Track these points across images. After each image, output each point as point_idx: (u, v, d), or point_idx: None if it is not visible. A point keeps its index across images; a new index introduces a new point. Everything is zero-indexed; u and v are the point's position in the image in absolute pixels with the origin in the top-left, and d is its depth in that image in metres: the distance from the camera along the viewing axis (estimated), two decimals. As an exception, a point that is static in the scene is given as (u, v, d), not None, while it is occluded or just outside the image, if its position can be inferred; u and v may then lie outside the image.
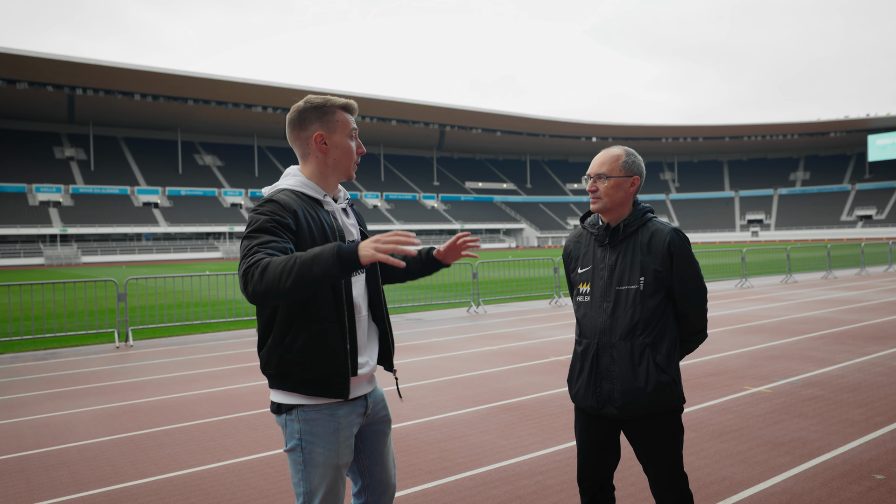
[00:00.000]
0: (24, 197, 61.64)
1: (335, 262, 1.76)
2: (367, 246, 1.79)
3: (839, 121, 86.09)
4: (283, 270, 1.76)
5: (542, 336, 9.65)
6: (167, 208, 67.09)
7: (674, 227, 2.42)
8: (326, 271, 1.76)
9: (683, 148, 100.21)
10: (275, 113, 74.58)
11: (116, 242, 60.87)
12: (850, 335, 8.78)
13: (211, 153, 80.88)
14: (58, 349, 9.89)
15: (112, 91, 63.19)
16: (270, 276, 1.77)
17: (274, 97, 70.02)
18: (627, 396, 2.36)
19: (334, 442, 2.07)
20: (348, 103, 2.22)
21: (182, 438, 4.97)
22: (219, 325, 11.77)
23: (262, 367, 2.09)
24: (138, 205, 66.38)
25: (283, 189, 2.13)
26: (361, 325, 2.16)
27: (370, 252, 1.78)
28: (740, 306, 12.69)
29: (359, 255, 1.78)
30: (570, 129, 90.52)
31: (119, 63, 58.72)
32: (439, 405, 5.60)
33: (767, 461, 4.05)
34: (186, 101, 67.77)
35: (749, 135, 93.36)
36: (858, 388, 5.86)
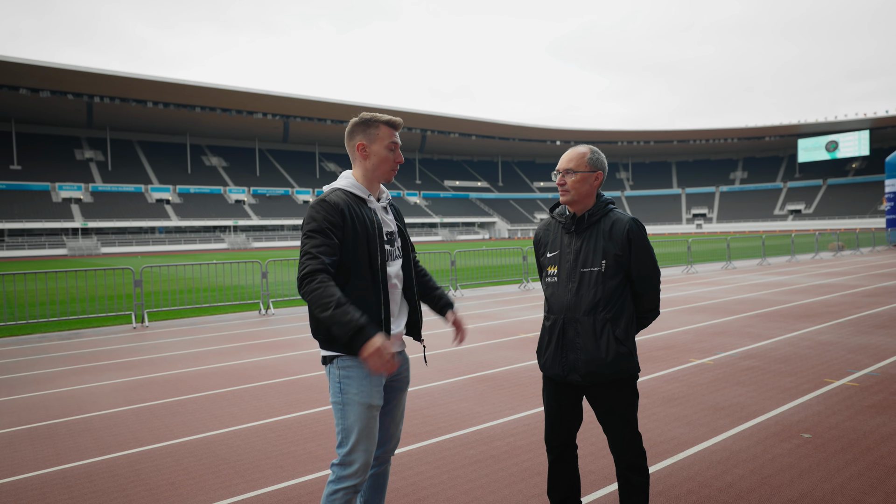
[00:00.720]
0: (48, 194, 60.30)
1: (347, 338, 2.02)
2: (369, 356, 2.00)
3: (773, 126, 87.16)
4: (321, 304, 2.04)
5: (513, 316, 9.68)
6: (178, 204, 66.09)
7: (632, 217, 2.44)
8: (338, 336, 2.04)
9: (637, 150, 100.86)
10: (274, 119, 73.68)
11: (132, 235, 59.87)
12: (781, 314, 8.92)
13: (217, 155, 79.72)
14: (80, 329, 9.72)
15: (127, 99, 61.90)
16: (314, 299, 2.07)
17: (273, 105, 69.13)
18: (590, 365, 2.38)
19: (367, 385, 2.21)
20: (392, 120, 2.35)
21: (193, 408, 4.91)
22: (225, 308, 11.65)
23: (312, 333, 2.29)
24: (152, 201, 65.29)
25: (336, 189, 2.31)
26: (395, 298, 2.35)
27: (367, 360, 2.01)
28: (687, 289, 12.84)
29: (360, 352, 2.03)
30: (537, 134, 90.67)
31: (133, 74, 57.50)
32: (423, 377, 5.60)
33: (710, 423, 4.11)
34: (195, 108, 66.63)
35: (694, 139, 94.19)
36: (788, 359, 5.96)
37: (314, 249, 2.15)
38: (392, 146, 2.34)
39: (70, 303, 12.20)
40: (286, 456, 3.75)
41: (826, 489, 3.07)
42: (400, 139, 2.40)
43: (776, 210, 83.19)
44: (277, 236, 66.56)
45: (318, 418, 4.50)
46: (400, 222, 2.46)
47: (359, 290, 2.23)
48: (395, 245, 2.40)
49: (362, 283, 2.23)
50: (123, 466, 3.69)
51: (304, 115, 74.17)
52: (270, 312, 10.98)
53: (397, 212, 2.50)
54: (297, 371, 6.15)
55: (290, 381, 5.72)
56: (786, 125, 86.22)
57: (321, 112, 73.53)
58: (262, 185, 75.43)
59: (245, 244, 62.74)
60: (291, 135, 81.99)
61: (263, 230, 68.52)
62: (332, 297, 2.04)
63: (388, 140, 2.33)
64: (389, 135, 2.33)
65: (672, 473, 3.30)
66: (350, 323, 2.02)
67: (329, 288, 2.06)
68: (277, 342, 7.97)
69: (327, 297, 2.04)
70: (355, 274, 2.22)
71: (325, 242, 2.16)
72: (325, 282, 2.08)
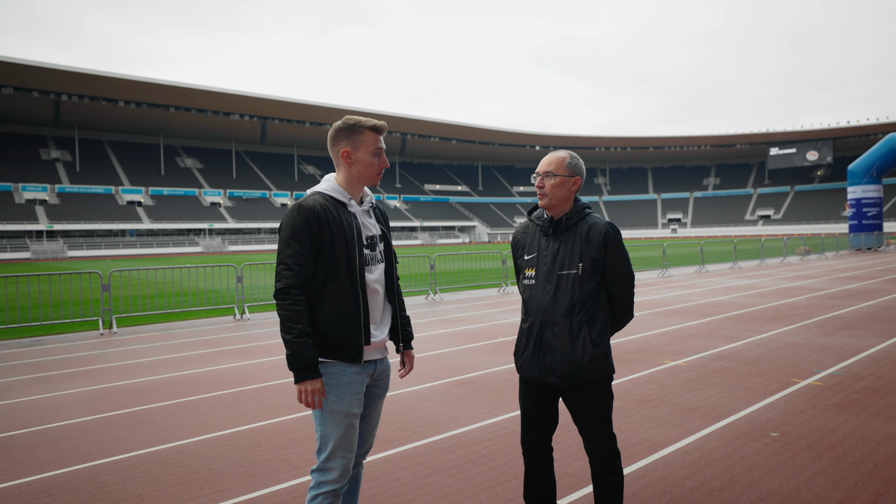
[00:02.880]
0: (10, 195, 58.59)
1: (293, 368, 2.16)
2: (304, 391, 2.17)
3: (744, 134, 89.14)
4: (287, 327, 2.17)
5: (491, 320, 9.70)
6: (150, 206, 64.86)
7: (608, 222, 2.48)
8: (288, 360, 2.18)
9: (614, 156, 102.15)
10: (251, 120, 72.88)
11: (101, 238, 58.51)
12: (752, 316, 9.10)
13: (192, 156, 78.53)
14: (43, 336, 9.43)
15: (97, 97, 60.61)
16: (283, 318, 2.18)
17: (250, 106, 68.41)
18: (567, 367, 2.40)
19: (346, 393, 2.24)
20: (377, 125, 2.34)
21: (162, 416, 4.81)
22: (198, 313, 11.45)
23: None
24: (122, 203, 63.96)
25: (317, 192, 2.32)
26: (376, 304, 2.36)
27: (299, 387, 2.17)
28: (661, 292, 13.02)
29: (297, 383, 2.18)
30: (517, 139, 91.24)
31: (103, 71, 56.25)
32: (400, 382, 5.57)
33: (683, 424, 4.16)
34: (168, 108, 65.57)
35: (669, 145, 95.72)
36: (758, 360, 6.07)
37: (290, 260, 2.18)
38: (377, 152, 2.33)
39: (32, 308, 11.85)
40: (259, 465, 3.69)
41: (792, 486, 3.14)
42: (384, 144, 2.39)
43: (747, 215, 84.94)
44: (254, 240, 65.79)
45: (293, 425, 4.44)
46: (384, 226, 2.46)
47: (337, 295, 2.23)
48: (377, 249, 2.39)
49: (341, 288, 2.23)
50: (86, 479, 3.57)
51: (282, 116, 73.53)
52: (245, 317, 10.84)
53: (382, 215, 2.50)
54: (273, 377, 6.07)
55: (264, 388, 5.64)
56: (756, 133, 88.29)
57: (299, 114, 72.99)
58: (239, 187, 74.52)
59: (220, 248, 61.85)
60: (269, 137, 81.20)
61: (240, 233, 67.66)
62: (297, 324, 2.16)
63: (373, 146, 2.32)
64: (374, 140, 2.32)
65: (646, 474, 3.34)
66: (302, 357, 2.15)
67: (298, 315, 2.16)
68: (252, 348, 7.86)
69: (295, 323, 2.16)
70: (334, 279, 2.23)
71: (300, 251, 2.18)
72: (298, 304, 2.17)
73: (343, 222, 2.27)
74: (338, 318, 2.22)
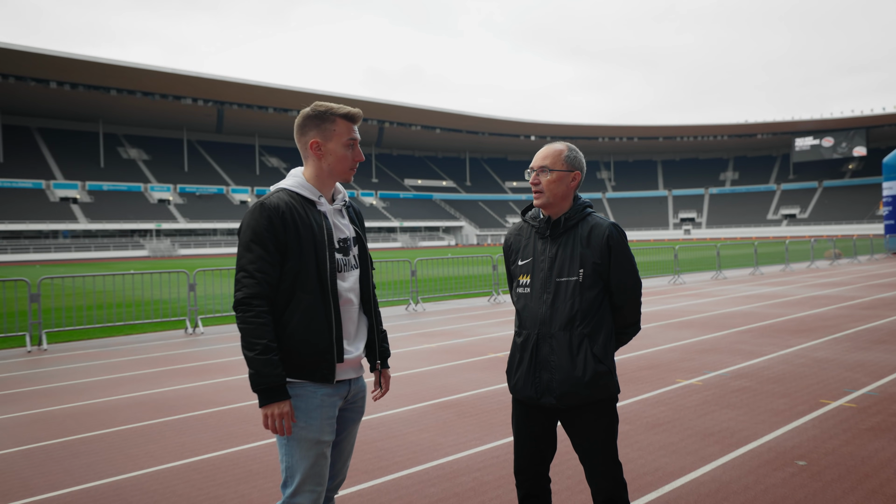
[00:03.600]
0: (-77, 191, 57.75)
1: (257, 389, 2.15)
2: (270, 415, 2.17)
3: (765, 123, 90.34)
4: (249, 343, 2.16)
5: (481, 333, 9.72)
6: (87, 204, 64.14)
7: (612, 222, 2.50)
8: (251, 380, 2.16)
9: (619, 148, 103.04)
10: (206, 105, 72.44)
11: (29, 240, 57.72)
12: (775, 329, 9.21)
13: (136, 146, 77.86)
14: (-36, 354, 9.28)
15: (24, 77, 59.82)
16: (244, 333, 2.17)
17: (204, 89, 68.01)
18: (566, 385, 2.41)
19: (316, 418, 2.24)
20: (351, 112, 2.35)
21: (101, 447, 4.74)
22: (144, 327, 11.34)
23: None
24: (55, 200, 63.16)
25: (282, 189, 2.32)
26: (351, 316, 2.36)
27: (265, 411, 2.17)
28: (673, 302, 13.13)
29: (262, 406, 2.17)
30: (509, 128, 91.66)
31: (30, 48, 55.44)
32: (376, 404, 5.56)
33: (698, 451, 4.20)
34: (109, 90, 64.93)
35: (681, 135, 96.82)
36: (783, 378, 6.15)
37: (251, 266, 2.18)
38: (350, 143, 2.34)
39: (-46, 321, 11.66)
40: (213, 500, 3.66)
41: (823, 522, 3.18)
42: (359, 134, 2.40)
43: (769, 214, 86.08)
44: (209, 242, 65.33)
45: (253, 455, 4.41)
46: (358, 227, 2.47)
47: (305, 306, 2.23)
48: (350, 254, 2.39)
49: (309, 297, 2.24)
50: (16, 516, 3.53)
51: (242, 101, 73.20)
52: (199, 331, 10.76)
53: (356, 214, 2.52)
54: (231, 399, 6.03)
55: (221, 412, 5.60)
56: (779, 122, 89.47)
57: (261, 98, 72.69)
58: (192, 182, 73.98)
59: (170, 251, 61.35)
60: (226, 124, 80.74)
61: (192, 235, 67.12)
62: (261, 339, 2.15)
63: (347, 136, 2.33)
64: (348, 130, 2.34)
65: (657, 509, 3.36)
66: (268, 377, 2.14)
67: (261, 328, 2.16)
68: (207, 366, 7.81)
69: (258, 337, 2.16)
70: (301, 287, 2.23)
71: (263, 256, 2.18)
72: (261, 316, 2.16)
73: (312, 223, 2.27)
74: (306, 332, 2.22)
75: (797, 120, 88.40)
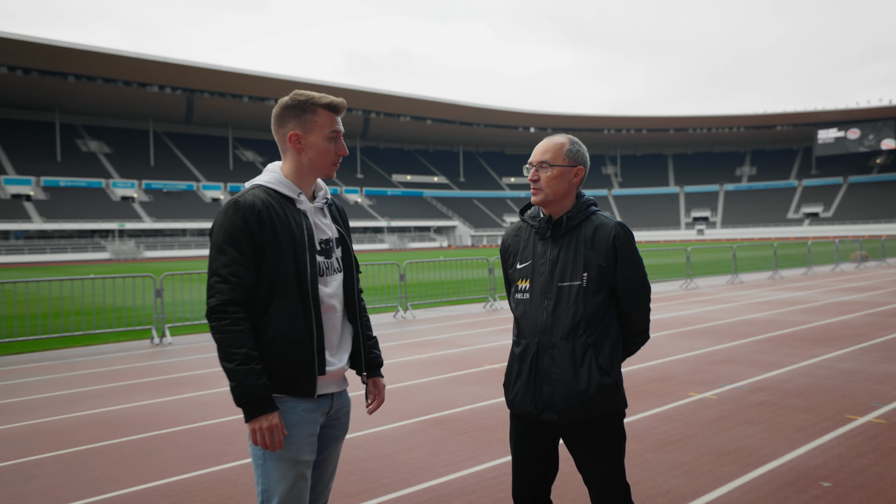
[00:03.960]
0: None
1: (241, 403, 2.14)
2: (259, 429, 2.15)
3: (786, 113, 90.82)
4: (227, 353, 2.15)
5: (476, 343, 9.73)
6: (42, 201, 63.81)
7: (618, 222, 2.52)
8: (233, 393, 2.15)
9: (626, 140, 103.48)
10: (174, 94, 72.28)
11: (-20, 242, 57.47)
12: (796, 337, 9.26)
13: (97, 138, 77.56)
14: None
15: (-29, 63, 59.56)
16: (221, 343, 2.16)
17: (173, 75, 67.82)
18: (568, 400, 2.42)
19: (295, 435, 2.23)
20: (334, 102, 2.36)
21: (56, 469, 4.72)
22: (105, 337, 11.30)
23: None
24: (5, 197, 62.79)
25: (258, 185, 2.32)
26: (333, 325, 2.37)
27: (252, 426, 2.15)
28: (685, 308, 13.19)
29: (249, 421, 2.15)
30: (506, 119, 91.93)
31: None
32: (363, 421, 5.55)
33: (713, 471, 4.21)
34: (67, 76, 64.67)
35: (694, 127, 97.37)
36: (805, 392, 6.18)
37: (225, 270, 2.19)
38: (333, 135, 2.36)
39: None
40: (183, 525, 3.64)
41: (849, 548, 3.19)
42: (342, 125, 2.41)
43: (790, 213, 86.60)
44: (178, 243, 65.16)
45: (226, 478, 4.40)
46: (342, 227, 2.48)
47: (284, 313, 2.24)
48: (333, 256, 2.40)
49: (288, 304, 2.24)
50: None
51: (214, 89, 73.09)
52: (166, 341, 10.74)
53: (340, 213, 2.52)
54: (201, 416, 6.02)
55: (190, 431, 5.58)
56: (800, 112, 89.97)
57: (235, 86, 72.58)
58: (158, 177, 73.78)
59: (134, 253, 61.15)
60: (197, 114, 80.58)
61: (159, 235, 66.95)
62: (241, 348, 2.15)
63: (329, 128, 2.35)
64: (330, 122, 2.35)
65: (668, 534, 3.37)
66: (252, 388, 2.14)
67: (240, 336, 2.15)
68: (175, 380, 7.79)
69: (237, 347, 2.15)
70: (280, 293, 2.24)
71: (238, 259, 2.19)
72: (239, 324, 2.17)
73: (291, 222, 2.27)
74: (285, 342, 2.23)
75: (820, 110, 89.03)
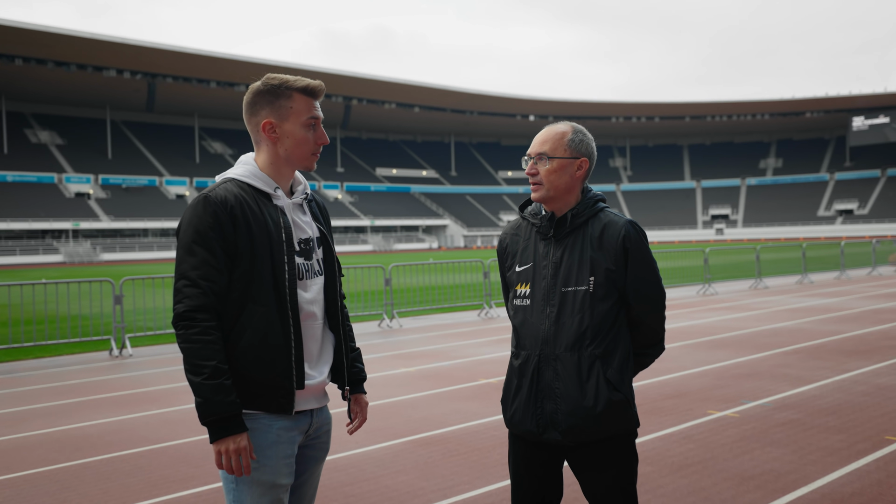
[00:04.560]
0: None
1: (207, 421, 2.14)
2: (226, 451, 2.15)
3: (816, 98, 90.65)
4: (194, 365, 2.14)
5: (470, 354, 9.74)
6: (-13, 198, 63.63)
7: (629, 220, 2.52)
8: (199, 410, 2.14)
9: (637, 129, 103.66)
10: (133, 79, 71.98)
11: (-83, 243, 57.17)
12: (828, 349, 9.28)
13: (48, 128, 77.27)
14: None
15: None
16: (188, 354, 2.16)
17: (132, 58, 67.52)
18: (574, 418, 2.42)
19: (271, 456, 2.24)
20: (311, 86, 2.36)
21: (7, 495, 4.70)
22: (58, 348, 11.26)
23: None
24: (-53, 193, 62.61)
25: (230, 179, 2.33)
26: (313, 333, 2.38)
27: (217, 447, 2.15)
28: (703, 316, 13.22)
29: (214, 442, 2.15)
30: (502, 105, 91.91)
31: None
32: (345, 441, 5.55)
33: (735, 498, 4.22)
34: (13, 59, 64.28)
35: (712, 114, 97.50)
36: (838, 410, 6.20)
37: (194, 273, 2.19)
38: (311, 122, 2.37)
39: None
40: (146, 559, 3.64)
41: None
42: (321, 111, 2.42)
43: (821, 210, 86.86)
44: (139, 245, 64.98)
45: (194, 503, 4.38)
46: (323, 225, 2.49)
47: (259, 320, 2.24)
48: (314, 257, 2.41)
49: (263, 310, 2.25)
50: None
51: (178, 73, 72.85)
52: (127, 353, 10.72)
53: (321, 210, 2.53)
54: (166, 436, 6.01)
55: (154, 452, 5.58)
56: (832, 97, 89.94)
57: (201, 70, 72.41)
58: (117, 171, 73.57)
59: (91, 256, 60.95)
60: (159, 101, 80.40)
61: (118, 236, 66.75)
62: (209, 360, 2.14)
63: (306, 114, 2.35)
64: (307, 107, 2.36)
65: (684, 566, 3.38)
66: (219, 405, 2.13)
67: (209, 347, 2.15)
68: (136, 395, 7.78)
69: (205, 359, 2.15)
70: (254, 298, 2.25)
71: (208, 261, 2.19)
72: (208, 333, 2.17)
73: (267, 220, 2.28)
74: (259, 352, 2.23)
75: (854, 95, 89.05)
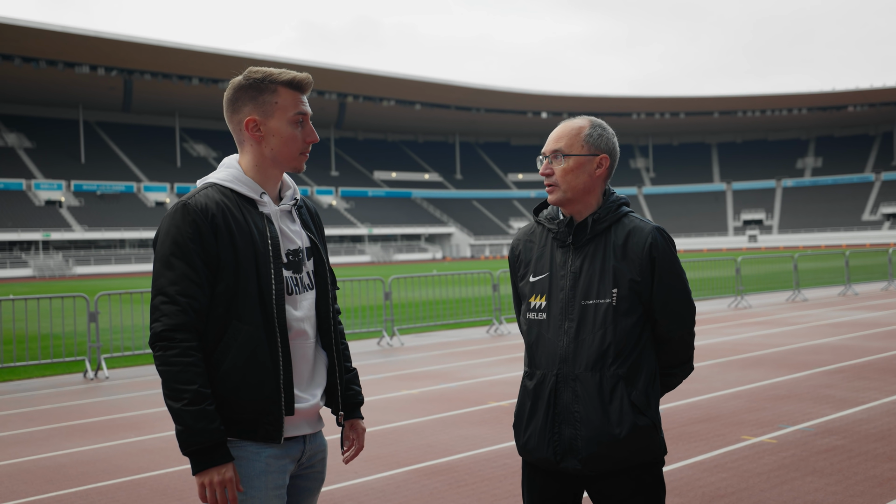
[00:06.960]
0: None
1: (188, 451, 2.15)
2: (209, 484, 2.15)
3: (860, 91, 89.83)
4: (174, 390, 2.15)
5: (478, 375, 9.72)
6: (-50, 207, 63.93)
7: (656, 226, 2.50)
8: (179, 438, 2.16)
9: (660, 126, 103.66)
10: (108, 76, 72.31)
11: None
12: (876, 368, 9.23)
13: (15, 130, 77.67)
14: None
15: None
16: (167, 377, 2.16)
17: (107, 54, 67.85)
18: (595, 444, 2.41)
19: (259, 488, 2.24)
20: (297, 78, 2.35)
21: (-28, 532, 4.72)
22: (29, 370, 11.30)
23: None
24: None
25: (211, 184, 2.33)
26: (304, 353, 2.38)
27: (200, 479, 2.15)
28: (735, 332, 13.18)
29: (197, 473, 2.16)
30: (512, 102, 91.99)
31: None
32: (341, 470, 5.55)
33: (773, 530, 4.21)
34: (-23, 55, 64.87)
35: (743, 109, 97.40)
36: (888, 435, 6.15)
37: (172, 288, 2.19)
38: (299, 118, 2.37)
39: None
40: None
41: None
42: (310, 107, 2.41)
43: (865, 214, 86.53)
44: (115, 257, 65.17)
45: (176, 541, 4.39)
46: (314, 233, 2.49)
47: (242, 339, 2.24)
48: (304, 270, 2.42)
49: (248, 329, 2.25)
50: None
51: (156, 69, 73.20)
52: (102, 375, 10.75)
53: (312, 216, 2.53)
54: (146, 466, 6.02)
55: (133, 483, 5.59)
56: (877, 89, 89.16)
57: (181, 66, 72.73)
58: (91, 177, 73.87)
59: (63, 269, 61.13)
60: (136, 100, 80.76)
61: (92, 247, 66.97)
62: (190, 385, 2.15)
63: (293, 110, 2.35)
64: (294, 102, 2.35)
65: None
66: (202, 433, 2.13)
67: (189, 369, 2.15)
68: (113, 422, 7.80)
69: (186, 383, 2.15)
70: (238, 316, 2.25)
71: (187, 275, 2.19)
72: (188, 354, 2.16)
73: (252, 229, 2.28)
74: (244, 374, 2.23)
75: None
